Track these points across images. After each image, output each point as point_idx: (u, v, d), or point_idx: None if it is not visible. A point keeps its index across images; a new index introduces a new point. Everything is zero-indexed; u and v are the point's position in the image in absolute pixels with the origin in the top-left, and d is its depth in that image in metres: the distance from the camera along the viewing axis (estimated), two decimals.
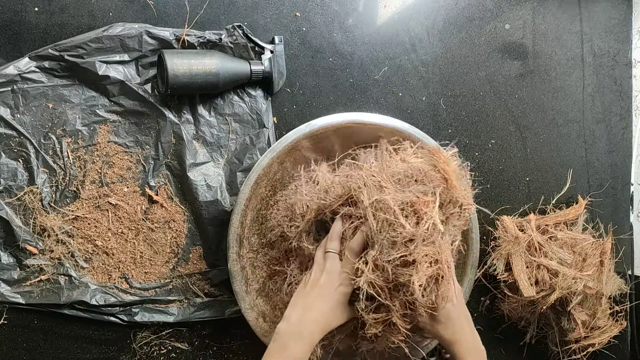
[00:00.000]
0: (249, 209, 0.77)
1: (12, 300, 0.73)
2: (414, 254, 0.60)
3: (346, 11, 0.85)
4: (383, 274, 0.62)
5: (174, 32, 0.76)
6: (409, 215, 0.62)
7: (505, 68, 0.91)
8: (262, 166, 0.76)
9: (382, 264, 0.62)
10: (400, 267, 0.61)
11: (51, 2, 0.75)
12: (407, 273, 0.60)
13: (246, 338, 0.82)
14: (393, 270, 0.61)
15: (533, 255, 0.83)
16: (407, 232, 0.60)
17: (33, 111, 0.74)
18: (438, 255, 0.62)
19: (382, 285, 0.62)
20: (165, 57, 0.72)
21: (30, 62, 0.73)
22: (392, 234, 0.61)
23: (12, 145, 0.74)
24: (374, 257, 0.62)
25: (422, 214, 0.62)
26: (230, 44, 0.78)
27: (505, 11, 0.91)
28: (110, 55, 0.75)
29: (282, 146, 0.77)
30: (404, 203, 0.62)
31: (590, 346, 0.85)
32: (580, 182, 0.94)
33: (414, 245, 0.60)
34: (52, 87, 0.74)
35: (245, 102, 0.80)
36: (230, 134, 0.80)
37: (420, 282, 0.60)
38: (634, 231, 0.95)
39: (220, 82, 0.75)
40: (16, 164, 0.74)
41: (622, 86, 0.95)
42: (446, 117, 0.89)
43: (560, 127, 0.93)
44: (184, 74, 0.72)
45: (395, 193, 0.64)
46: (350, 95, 0.86)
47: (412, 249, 0.60)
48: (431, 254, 0.61)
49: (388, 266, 0.61)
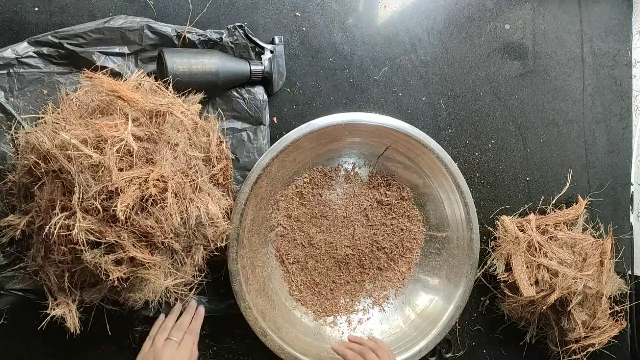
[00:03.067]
0: (248, 209, 0.77)
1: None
2: (114, 181, 0.58)
3: (346, 11, 0.85)
4: (97, 216, 0.60)
5: (175, 29, 0.76)
6: (103, 147, 0.60)
7: (505, 68, 0.91)
8: (262, 166, 0.76)
9: (90, 206, 0.59)
10: (108, 201, 0.59)
11: (51, 2, 0.75)
12: (115, 203, 0.59)
13: (246, 338, 0.82)
14: (103, 206, 0.59)
15: (533, 255, 0.83)
16: (92, 161, 0.58)
17: (27, 96, 0.74)
18: (153, 173, 0.60)
19: (101, 228, 0.60)
20: (165, 55, 0.71)
21: (28, 46, 0.73)
22: (85, 168, 0.59)
23: (4, 129, 0.73)
24: (79, 200, 0.59)
25: (115, 140, 0.60)
26: (231, 43, 0.78)
27: (505, 11, 0.91)
28: (110, 46, 0.74)
29: (283, 146, 0.77)
30: (87, 136, 0.60)
31: (590, 346, 0.85)
32: (580, 182, 0.94)
33: (113, 173, 0.59)
34: (49, 74, 0.74)
35: (244, 99, 0.80)
36: (227, 130, 0.80)
37: (125, 204, 0.58)
38: (634, 231, 0.95)
39: (219, 82, 0.75)
40: (6, 148, 0.73)
41: (622, 86, 0.95)
42: (446, 117, 0.89)
43: (560, 127, 0.93)
44: (183, 73, 0.72)
45: (81, 130, 0.61)
46: (350, 95, 0.86)
47: (113, 177, 0.58)
48: (140, 175, 0.60)
49: (97, 204, 0.59)
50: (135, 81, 0.69)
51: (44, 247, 0.67)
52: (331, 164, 0.86)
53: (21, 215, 0.69)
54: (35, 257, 0.69)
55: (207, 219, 0.68)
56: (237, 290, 0.76)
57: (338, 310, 0.86)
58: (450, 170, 0.83)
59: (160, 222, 0.62)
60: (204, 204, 0.68)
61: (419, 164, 0.85)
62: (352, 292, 0.87)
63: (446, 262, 0.87)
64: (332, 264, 0.86)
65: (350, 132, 0.82)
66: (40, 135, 0.62)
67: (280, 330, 0.80)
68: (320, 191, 0.86)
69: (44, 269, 0.68)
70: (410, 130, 0.81)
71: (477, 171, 0.90)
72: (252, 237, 0.81)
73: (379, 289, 0.88)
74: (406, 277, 0.89)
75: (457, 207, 0.85)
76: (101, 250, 0.61)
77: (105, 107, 0.65)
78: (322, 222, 0.86)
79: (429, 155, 0.83)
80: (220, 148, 0.75)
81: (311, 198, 0.85)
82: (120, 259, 0.62)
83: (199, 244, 0.71)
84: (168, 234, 0.63)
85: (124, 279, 0.63)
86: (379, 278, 0.88)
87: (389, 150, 0.85)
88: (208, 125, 0.75)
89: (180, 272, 0.70)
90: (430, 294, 0.87)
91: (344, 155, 0.86)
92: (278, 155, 0.77)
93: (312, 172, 0.85)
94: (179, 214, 0.63)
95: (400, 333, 0.85)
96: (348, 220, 0.87)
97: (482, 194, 0.91)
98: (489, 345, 0.91)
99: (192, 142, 0.70)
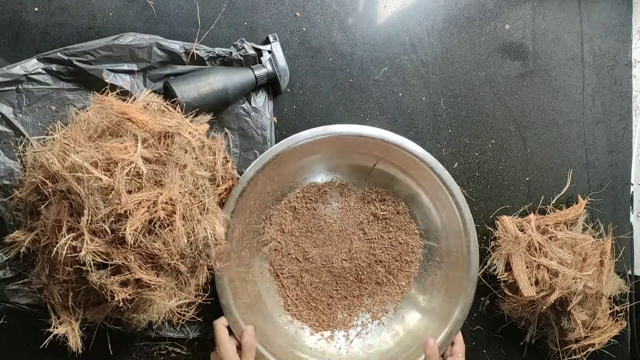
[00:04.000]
0: (236, 222, 0.77)
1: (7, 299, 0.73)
2: (123, 204, 0.58)
3: (346, 11, 0.85)
4: (104, 238, 0.60)
5: (183, 46, 0.76)
6: (113, 170, 0.60)
7: (505, 68, 0.91)
8: (247, 179, 0.76)
9: (98, 228, 0.59)
10: (117, 223, 0.59)
11: (51, 2, 0.75)
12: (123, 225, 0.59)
13: None
14: (111, 228, 0.59)
15: (533, 255, 0.83)
16: (102, 183, 0.58)
17: (35, 112, 0.74)
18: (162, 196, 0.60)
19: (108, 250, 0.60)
20: (172, 86, 0.71)
21: (37, 63, 0.73)
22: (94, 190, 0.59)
23: (11, 144, 0.73)
24: (88, 222, 0.60)
25: (125, 163, 0.60)
26: (240, 57, 0.78)
27: (505, 11, 0.91)
28: (119, 64, 0.74)
29: (268, 158, 0.76)
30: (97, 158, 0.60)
31: (590, 346, 0.85)
32: (580, 182, 0.94)
33: (122, 196, 0.59)
34: (57, 90, 0.74)
35: (251, 117, 0.80)
36: (232, 148, 0.80)
37: (134, 227, 0.58)
38: (634, 231, 0.95)
39: (230, 97, 0.75)
40: (13, 164, 0.73)
41: (622, 86, 0.95)
42: (446, 117, 0.89)
43: (560, 127, 0.93)
44: (194, 98, 0.72)
45: (91, 152, 0.61)
46: (350, 95, 0.86)
47: (122, 200, 0.58)
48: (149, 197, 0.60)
49: (105, 226, 0.59)
50: (143, 101, 0.69)
51: (48, 266, 0.67)
52: (323, 177, 0.86)
53: (27, 232, 0.69)
54: (40, 275, 0.69)
55: (214, 240, 0.69)
56: (224, 304, 0.76)
57: (336, 325, 0.85)
58: (444, 180, 0.82)
59: (167, 245, 0.62)
60: (211, 224, 0.68)
61: (412, 175, 0.85)
62: (350, 307, 0.86)
63: (445, 275, 0.86)
64: (328, 278, 0.86)
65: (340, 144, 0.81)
66: (50, 156, 0.62)
67: (272, 345, 0.79)
68: (314, 205, 0.85)
69: (48, 287, 0.68)
70: (399, 140, 0.80)
71: (477, 171, 0.90)
72: (243, 252, 0.80)
73: (378, 303, 0.87)
74: (405, 291, 0.88)
75: (455, 219, 0.83)
76: (107, 272, 0.62)
77: (114, 128, 0.65)
78: (317, 236, 0.85)
79: (422, 166, 0.82)
80: (226, 167, 0.76)
81: (305, 212, 0.85)
82: (126, 280, 0.62)
83: (204, 264, 0.71)
84: (174, 255, 0.63)
85: (128, 300, 0.63)
86: (378, 292, 0.87)
87: (381, 162, 0.84)
88: (215, 145, 0.75)
89: (184, 293, 0.70)
90: (428, 310, 0.86)
91: (337, 167, 0.86)
92: (263, 168, 0.76)
93: (305, 187, 0.85)
94: (186, 236, 0.63)
95: (403, 346, 0.84)
96: (344, 234, 0.86)
97: (482, 194, 0.91)
98: (489, 345, 0.91)
99: (198, 161, 0.70)
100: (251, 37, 0.81)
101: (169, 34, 0.77)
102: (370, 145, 0.81)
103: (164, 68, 0.76)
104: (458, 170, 0.90)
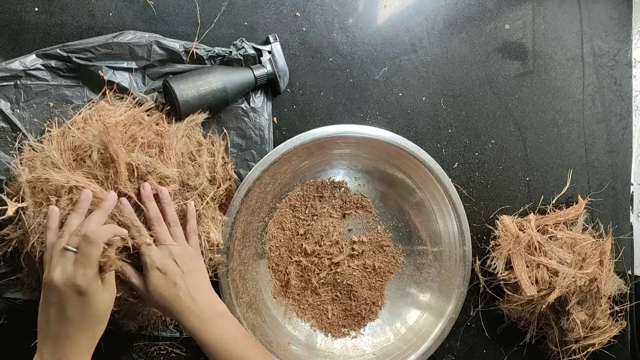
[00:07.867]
0: (239, 222, 0.77)
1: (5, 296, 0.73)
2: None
3: (346, 11, 0.85)
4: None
5: (183, 44, 0.76)
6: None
7: (505, 68, 0.91)
8: (252, 179, 0.76)
9: None
10: None
11: (51, 2, 0.75)
12: None
13: None
14: None
15: (533, 254, 0.83)
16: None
17: (33, 108, 0.74)
18: None
19: None
20: (171, 84, 0.71)
21: (36, 59, 0.73)
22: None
23: (8, 140, 0.73)
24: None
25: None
26: (240, 56, 0.78)
27: (505, 11, 0.91)
28: (118, 61, 0.74)
29: (273, 159, 0.76)
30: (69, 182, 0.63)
31: (590, 346, 0.85)
32: (580, 182, 0.94)
33: None
34: (56, 87, 0.74)
35: (250, 117, 0.80)
36: (230, 148, 0.80)
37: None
38: (634, 231, 0.95)
39: (229, 96, 0.75)
40: (9, 159, 0.73)
41: (622, 86, 0.95)
42: (446, 117, 0.89)
43: (560, 127, 0.93)
44: (193, 97, 0.72)
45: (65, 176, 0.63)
46: (350, 95, 0.86)
47: None
48: None
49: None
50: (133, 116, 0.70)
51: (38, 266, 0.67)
52: (323, 176, 0.86)
53: (17, 228, 0.69)
54: (30, 275, 0.69)
55: (208, 246, 0.69)
56: (227, 304, 0.76)
57: (332, 323, 0.86)
58: (442, 182, 0.82)
59: None
60: (205, 230, 0.68)
61: (412, 177, 0.85)
62: (345, 305, 0.87)
63: (438, 275, 0.86)
64: (330, 277, 0.86)
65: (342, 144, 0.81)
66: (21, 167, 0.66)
67: (271, 344, 0.79)
68: (313, 203, 0.85)
69: (39, 287, 0.69)
70: (402, 142, 0.80)
71: (477, 171, 0.90)
72: (243, 250, 0.80)
73: (370, 303, 0.87)
74: (397, 291, 0.88)
75: (450, 220, 0.84)
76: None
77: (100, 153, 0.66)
78: (315, 235, 0.85)
79: (421, 167, 0.82)
80: (225, 168, 0.76)
81: (304, 211, 0.85)
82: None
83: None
84: None
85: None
86: (372, 291, 0.87)
87: (381, 162, 0.85)
88: (213, 147, 0.75)
89: None
90: (422, 308, 0.87)
91: (335, 167, 0.86)
92: (269, 168, 0.76)
93: (305, 185, 0.85)
94: None
95: (391, 347, 0.85)
96: (341, 235, 0.86)
97: (482, 193, 0.91)
98: (489, 345, 0.91)
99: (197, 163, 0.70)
100: (251, 37, 0.81)
101: (169, 34, 0.77)
102: (374, 144, 0.81)
103: (163, 66, 0.76)
104: (458, 170, 0.90)
